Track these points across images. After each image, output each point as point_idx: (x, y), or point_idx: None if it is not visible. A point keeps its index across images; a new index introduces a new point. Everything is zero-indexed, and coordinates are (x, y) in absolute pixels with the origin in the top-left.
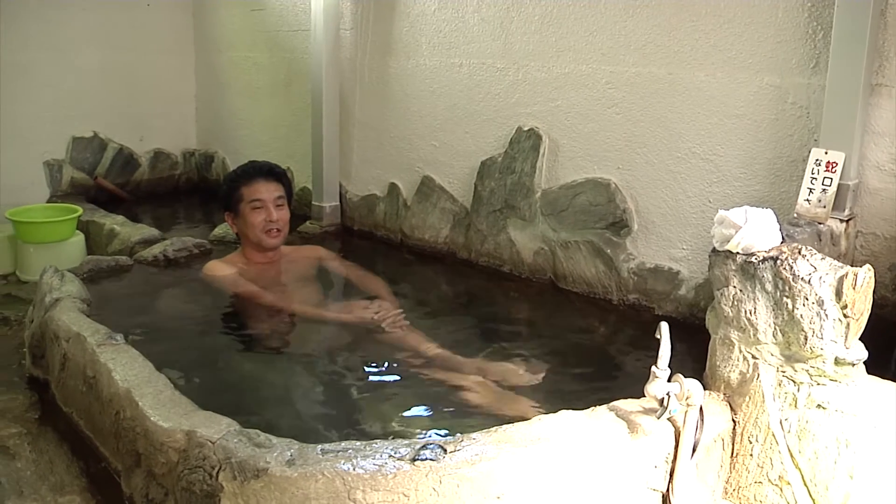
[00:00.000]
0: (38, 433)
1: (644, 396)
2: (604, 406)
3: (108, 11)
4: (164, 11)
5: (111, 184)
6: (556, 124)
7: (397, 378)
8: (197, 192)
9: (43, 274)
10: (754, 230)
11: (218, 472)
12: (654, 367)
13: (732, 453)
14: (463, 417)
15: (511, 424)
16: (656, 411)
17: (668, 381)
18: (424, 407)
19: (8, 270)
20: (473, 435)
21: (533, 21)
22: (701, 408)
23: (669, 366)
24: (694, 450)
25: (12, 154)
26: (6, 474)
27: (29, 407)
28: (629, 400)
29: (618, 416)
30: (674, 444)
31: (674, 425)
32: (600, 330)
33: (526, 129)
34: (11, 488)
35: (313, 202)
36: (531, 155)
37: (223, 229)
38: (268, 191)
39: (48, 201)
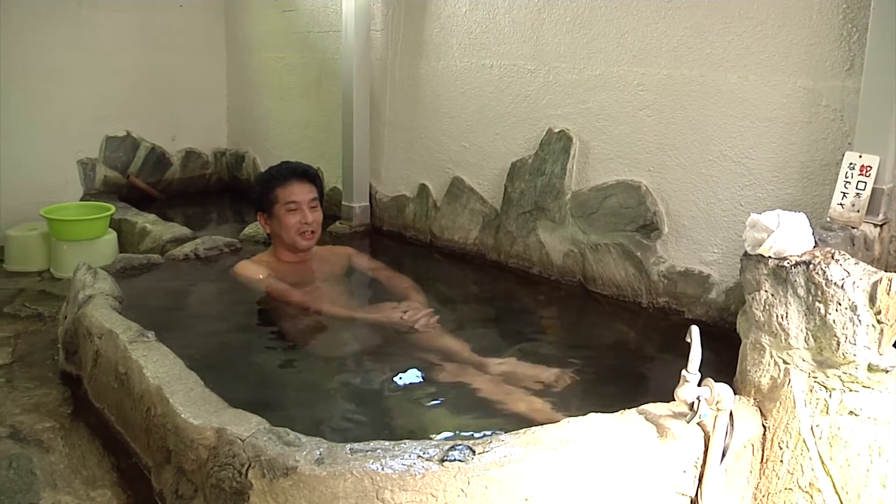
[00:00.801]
0: (70, 428)
1: (674, 400)
2: (633, 409)
3: (141, 13)
4: (197, 13)
5: (143, 182)
6: (586, 126)
7: (425, 378)
8: (227, 192)
9: (76, 271)
10: (787, 234)
11: (247, 469)
12: (684, 371)
13: (762, 459)
14: (491, 418)
15: (540, 426)
16: (686, 415)
17: (699, 385)
18: (452, 407)
19: (42, 267)
20: (502, 436)
21: (564, 23)
22: (731, 413)
23: (700, 370)
24: (723, 455)
25: (48, 153)
26: (41, 467)
27: (62, 402)
28: (658, 404)
29: (647, 420)
30: (703, 448)
31: (703, 430)
32: (629, 333)
33: (556, 130)
34: (46, 481)
35: (343, 202)
36: (561, 157)
37: (253, 228)
38: (302, 193)
39: (81, 199)
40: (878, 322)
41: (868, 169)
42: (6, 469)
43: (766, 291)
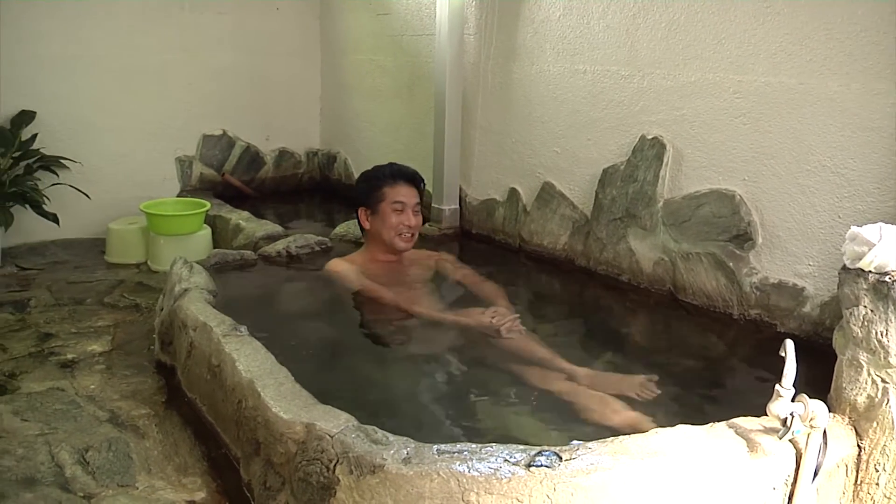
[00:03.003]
0: (164, 416)
1: (765, 415)
2: (723, 423)
3: (239, 15)
4: (293, 15)
5: (238, 180)
6: (680, 133)
7: (511, 382)
8: (318, 191)
9: (173, 265)
10: (889, 248)
11: (335, 465)
12: (777, 386)
13: (856, 481)
14: (578, 425)
15: (628, 436)
16: (778, 431)
17: (792, 400)
18: (539, 412)
19: (140, 260)
20: (589, 444)
21: (659, 28)
22: (825, 431)
23: (794, 385)
24: (815, 474)
25: (148, 150)
26: (137, 451)
27: (157, 390)
28: (749, 418)
29: (737, 434)
30: (794, 466)
31: (795, 447)
32: (719, 344)
33: (650, 137)
34: (141, 465)
35: (433, 204)
36: (654, 164)
37: (344, 227)
38: (409, 196)
39: (178, 195)
40: None
41: None
42: (106, 451)
43: (865, 307)
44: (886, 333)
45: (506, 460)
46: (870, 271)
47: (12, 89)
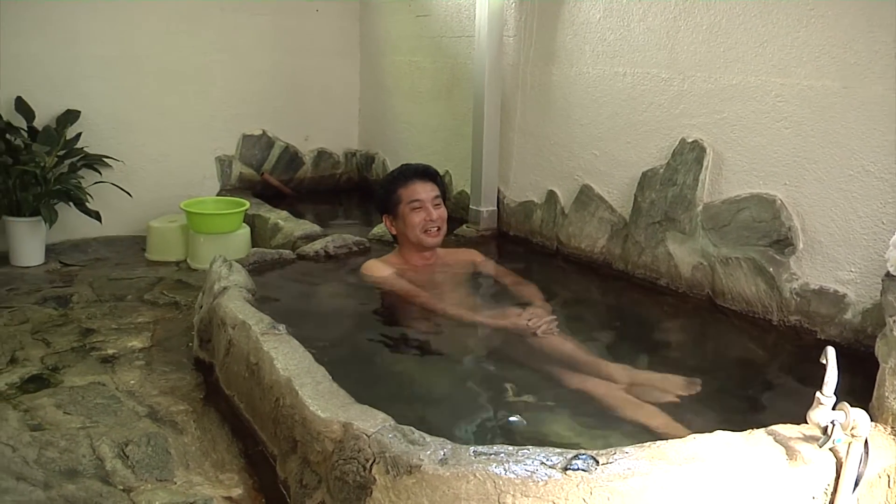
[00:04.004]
0: (202, 412)
1: (805, 423)
2: (762, 429)
3: (279, 16)
4: (332, 17)
5: (276, 180)
6: (721, 137)
7: (547, 384)
8: (356, 191)
9: (212, 263)
10: None
11: (372, 464)
12: (818, 393)
13: None
14: (614, 429)
15: (665, 440)
16: (818, 439)
17: (833, 408)
18: (575, 415)
19: (180, 257)
20: (626, 448)
21: (700, 31)
22: (866, 440)
23: (835, 393)
24: (856, 484)
25: (188, 149)
26: (175, 447)
27: (195, 387)
28: (789, 425)
29: (776, 441)
30: (835, 475)
31: (836, 456)
32: (757, 350)
33: (690, 140)
34: (179, 460)
35: (471, 206)
36: (694, 167)
37: (381, 228)
38: (425, 191)
39: (218, 194)
40: None
41: None
42: (145, 446)
43: None
44: None
45: (542, 463)
46: None
47: (58, 89)
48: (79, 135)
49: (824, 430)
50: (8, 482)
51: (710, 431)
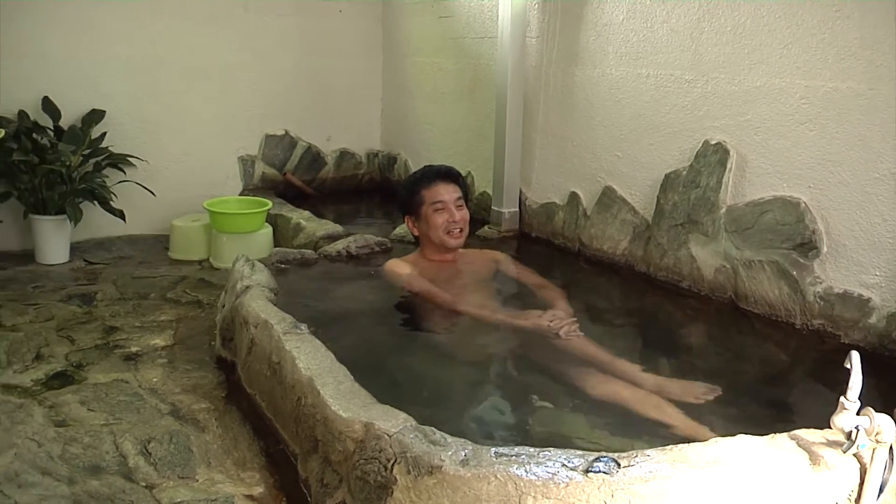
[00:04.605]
0: (224, 410)
1: (829, 428)
2: (784, 434)
3: (303, 17)
4: (355, 18)
5: (299, 180)
6: (744, 139)
7: (567, 386)
8: (378, 192)
9: (235, 262)
10: None
11: (393, 465)
12: (842, 398)
13: None
14: (636, 431)
15: (687, 444)
16: (842, 445)
17: (858, 414)
18: (597, 417)
19: (202, 256)
20: (648, 451)
21: (724, 32)
22: (891, 446)
23: (859, 398)
24: (881, 490)
25: (211, 149)
26: (197, 445)
27: (217, 385)
28: (812, 430)
29: (799, 446)
30: (858, 482)
31: (859, 461)
32: (780, 354)
33: (713, 142)
34: (201, 458)
35: (493, 207)
36: (717, 170)
37: (403, 229)
38: (448, 192)
39: (240, 194)
40: None
41: None
42: (167, 443)
43: None
44: None
45: (564, 465)
46: None
47: (84, 89)
48: (104, 134)
49: (848, 435)
50: (34, 476)
51: (733, 435)
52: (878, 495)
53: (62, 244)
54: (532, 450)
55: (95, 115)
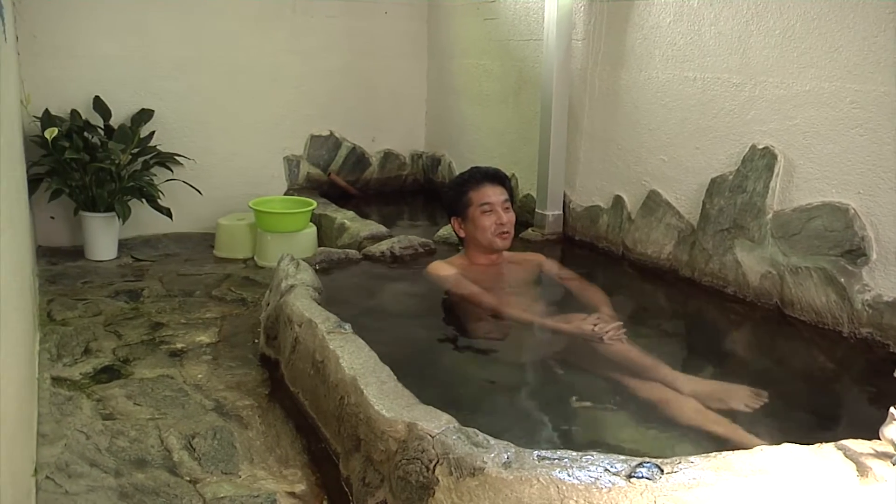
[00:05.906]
0: (267, 408)
1: (877, 438)
2: (831, 444)
3: (349, 19)
4: (401, 19)
5: (343, 180)
6: (793, 144)
7: (611, 390)
8: (422, 193)
9: (280, 261)
10: None
11: (435, 465)
12: (892, 409)
13: None
14: (680, 437)
15: (731, 451)
16: (891, 456)
17: None
18: (640, 422)
19: (247, 255)
20: (691, 458)
21: (773, 35)
22: None
23: None
24: None
25: (257, 149)
26: (240, 441)
27: (260, 383)
28: (860, 440)
29: (846, 456)
30: None
31: None
32: (826, 363)
33: (760, 147)
34: (244, 454)
35: (536, 210)
36: (764, 174)
37: (447, 230)
38: (495, 194)
39: (285, 194)
40: None
41: None
42: (211, 439)
43: None
44: None
45: (606, 469)
46: None
47: (134, 89)
48: (152, 133)
49: None
50: (83, 467)
51: (777, 444)
52: None
53: (111, 241)
54: (574, 453)
55: (144, 115)
